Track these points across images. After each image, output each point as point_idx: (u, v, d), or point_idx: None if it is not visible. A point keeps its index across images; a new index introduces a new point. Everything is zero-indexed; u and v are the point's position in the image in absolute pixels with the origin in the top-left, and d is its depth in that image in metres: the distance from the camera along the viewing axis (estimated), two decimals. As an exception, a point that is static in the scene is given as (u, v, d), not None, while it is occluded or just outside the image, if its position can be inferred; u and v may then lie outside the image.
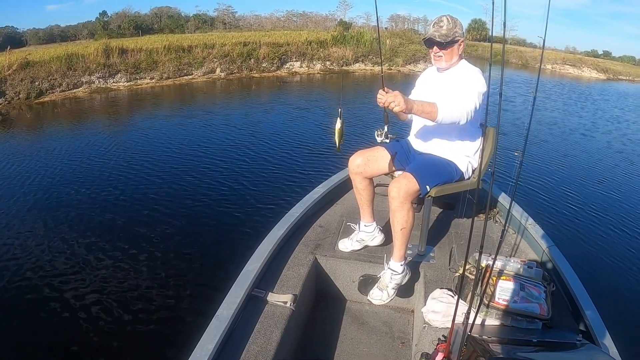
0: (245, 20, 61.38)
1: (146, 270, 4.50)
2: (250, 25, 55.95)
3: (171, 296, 4.09)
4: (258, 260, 2.58)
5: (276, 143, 9.05)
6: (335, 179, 3.74)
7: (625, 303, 4.34)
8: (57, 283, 4.25)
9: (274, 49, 21.59)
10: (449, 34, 2.56)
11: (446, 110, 2.38)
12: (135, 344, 3.54)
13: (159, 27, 48.75)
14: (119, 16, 50.13)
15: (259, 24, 57.26)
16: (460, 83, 2.57)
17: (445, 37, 2.56)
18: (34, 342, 3.53)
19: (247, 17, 63.04)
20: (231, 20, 58.83)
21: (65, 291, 4.13)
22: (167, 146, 8.72)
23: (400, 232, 2.51)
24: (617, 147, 11.37)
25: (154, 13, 54.64)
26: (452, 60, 2.66)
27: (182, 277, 4.40)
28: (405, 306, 2.94)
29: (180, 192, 6.39)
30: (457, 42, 2.61)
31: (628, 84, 36.60)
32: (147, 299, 4.04)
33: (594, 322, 2.25)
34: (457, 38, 2.59)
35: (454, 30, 2.56)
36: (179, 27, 47.71)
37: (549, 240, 2.97)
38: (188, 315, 3.79)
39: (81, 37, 43.83)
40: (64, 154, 8.25)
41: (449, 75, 2.71)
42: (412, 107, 2.31)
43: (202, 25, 50.60)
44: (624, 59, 76.51)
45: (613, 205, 6.90)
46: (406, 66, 24.51)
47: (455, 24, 2.58)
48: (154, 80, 17.22)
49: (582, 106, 18.36)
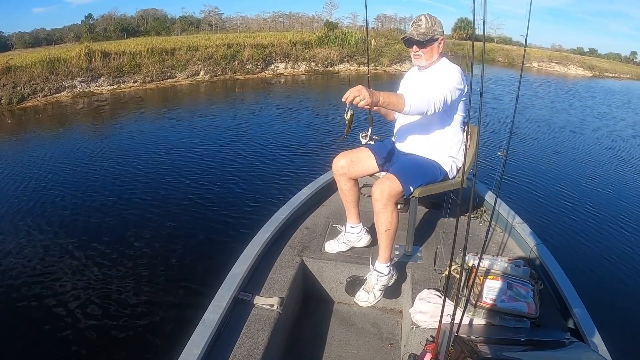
0: (232, 21, 61.05)
1: (131, 274, 4.46)
2: (236, 26, 55.72)
3: (157, 301, 4.06)
4: (244, 263, 2.57)
5: (261, 145, 9.03)
6: (321, 180, 3.74)
7: (614, 300, 4.38)
8: (39, 289, 4.20)
9: (258, 50, 21.54)
10: (428, 32, 2.58)
11: (412, 100, 2.37)
12: (121, 350, 3.50)
13: (145, 29, 48.35)
14: (104, 19, 49.78)
15: (246, 25, 57.01)
16: (438, 80, 2.59)
17: (424, 36, 2.58)
18: (13, 347, 3.50)
19: (233, 19, 62.72)
20: (217, 21, 58.59)
21: (47, 297, 4.08)
22: (151, 151, 8.65)
23: (385, 233, 2.51)
24: (604, 144, 11.52)
25: (140, 15, 54.16)
26: (432, 58, 2.68)
27: (168, 281, 4.36)
28: (393, 307, 2.94)
29: (166, 196, 6.35)
30: (437, 41, 2.63)
31: (614, 81, 37.12)
32: (132, 303, 4.01)
33: (582, 320, 2.27)
34: (436, 36, 2.61)
35: (433, 29, 2.59)
36: (165, 29, 47.44)
37: (536, 239, 2.99)
38: (174, 319, 3.76)
39: (67, 40, 43.42)
40: (47, 160, 8.14)
41: (429, 74, 2.73)
42: (378, 99, 2.28)
43: (188, 27, 50.31)
44: (610, 56, 77.65)
45: (601, 203, 6.97)
46: (392, 66, 24.63)
47: (434, 23, 2.60)
48: (137, 84, 17.10)
49: (570, 103, 18.59)
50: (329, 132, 10.29)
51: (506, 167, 2.16)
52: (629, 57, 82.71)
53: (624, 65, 59.37)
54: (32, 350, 3.51)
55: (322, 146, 8.91)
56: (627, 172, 9.10)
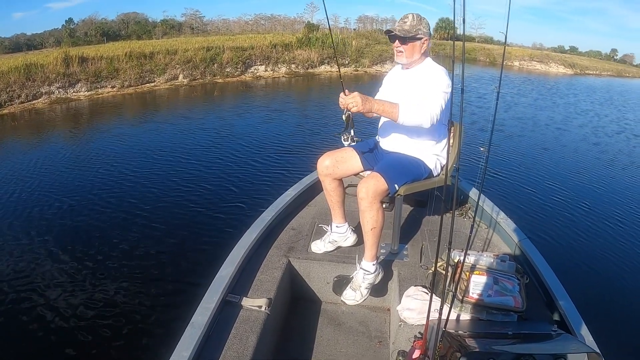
0: (213, 24, 61.04)
1: (117, 278, 4.44)
2: (218, 29, 55.74)
3: (144, 303, 4.05)
4: (231, 265, 2.58)
5: (244, 147, 9.03)
6: (306, 180, 3.77)
7: (599, 291, 4.49)
8: (24, 293, 4.18)
9: (237, 53, 21.48)
10: (411, 30, 2.60)
11: (408, 112, 2.45)
12: (109, 353, 3.49)
13: (126, 33, 48.06)
14: (85, 23, 49.41)
15: (227, 28, 57.07)
16: (424, 82, 2.62)
17: (407, 32, 2.61)
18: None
19: (215, 22, 62.74)
20: (199, 25, 58.51)
21: (33, 301, 4.06)
22: (133, 156, 8.58)
23: (371, 232, 2.54)
24: (586, 140, 11.79)
25: (120, 19, 53.81)
26: (412, 57, 2.70)
27: (155, 284, 4.36)
28: (381, 305, 2.97)
29: (150, 200, 6.32)
30: (420, 40, 2.65)
31: (595, 78, 37.84)
32: (120, 307, 3.99)
33: (568, 311, 2.32)
34: (420, 35, 2.63)
35: (418, 28, 2.61)
36: (146, 32, 47.21)
37: (520, 234, 3.05)
38: (162, 322, 3.76)
39: (48, 45, 42.78)
40: (27, 167, 8.02)
41: (414, 73, 2.76)
42: (373, 106, 2.40)
43: (169, 30, 50.20)
44: (591, 54, 79.07)
45: (583, 196, 7.12)
46: (373, 67, 24.78)
47: (420, 22, 2.62)
48: (115, 89, 16.93)
49: (553, 101, 19.00)
50: (312, 133, 10.34)
51: (491, 164, 2.22)
52: (609, 54, 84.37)
53: (605, 62, 60.55)
54: (18, 353, 3.49)
55: (305, 147, 8.95)
56: (609, 166, 9.35)
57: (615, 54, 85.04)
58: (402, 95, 2.70)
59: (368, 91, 2.62)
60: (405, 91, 2.71)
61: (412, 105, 2.47)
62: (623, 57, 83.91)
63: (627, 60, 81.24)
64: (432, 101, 2.50)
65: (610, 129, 13.74)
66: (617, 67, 55.47)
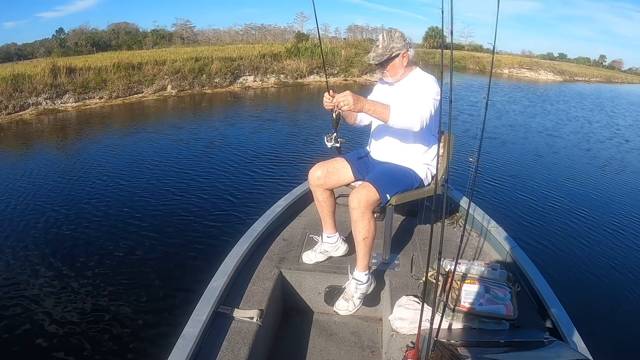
0: (204, 34, 61.29)
1: (107, 290, 4.41)
2: (208, 39, 55.95)
3: (134, 316, 4.02)
4: (223, 277, 2.58)
5: (234, 158, 9.01)
6: (297, 191, 3.79)
7: (591, 298, 4.53)
8: (10, 304, 4.16)
9: (226, 63, 21.47)
10: (385, 52, 2.64)
11: (399, 113, 2.47)
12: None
13: (116, 43, 48.12)
14: (75, 33, 49.49)
15: (218, 38, 57.33)
16: (414, 90, 2.65)
17: (381, 57, 2.65)
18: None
19: (205, 32, 63.04)
20: (189, 35, 58.69)
21: (18, 311, 4.04)
22: (121, 168, 8.53)
23: (363, 242, 2.56)
24: (577, 147, 11.90)
25: (111, 29, 53.92)
26: (397, 74, 2.74)
27: (145, 296, 4.33)
28: (373, 315, 2.99)
29: (141, 211, 6.29)
30: (398, 56, 2.68)
31: (584, 85, 38.29)
32: (109, 319, 3.96)
33: (560, 319, 2.34)
34: (396, 52, 2.65)
35: (391, 46, 2.63)
36: (136, 43, 47.37)
37: (512, 242, 3.08)
38: (153, 335, 3.74)
39: (38, 55, 42.71)
40: (13, 179, 7.97)
41: (403, 85, 2.79)
42: (364, 105, 2.41)
43: (160, 40, 50.34)
44: (580, 61, 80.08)
45: (574, 204, 7.18)
46: (362, 76, 24.88)
47: (391, 39, 2.64)
48: (103, 100, 16.85)
49: (543, 108, 19.21)
50: (302, 143, 10.37)
51: (483, 172, 2.25)
52: (598, 60, 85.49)
53: (594, 69, 61.34)
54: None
55: (296, 157, 8.97)
56: (600, 172, 9.46)
57: (603, 60, 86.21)
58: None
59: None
60: (396, 101, 2.74)
61: (402, 108, 2.49)
62: (612, 63, 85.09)
63: (616, 66, 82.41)
64: (422, 106, 2.53)
65: (601, 135, 13.92)
66: (606, 73, 56.20)
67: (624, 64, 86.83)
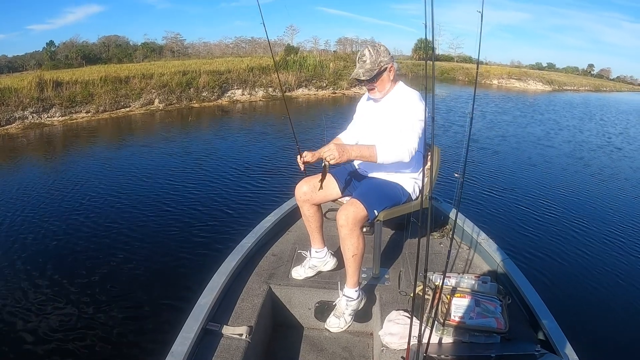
0: (194, 47, 61.73)
1: (93, 307, 4.37)
2: (199, 52, 56.39)
3: (121, 334, 3.98)
4: (211, 293, 2.58)
5: (222, 173, 9.00)
6: (286, 206, 3.80)
7: (582, 310, 4.54)
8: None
9: (214, 77, 21.49)
10: (374, 67, 2.65)
11: (385, 152, 2.54)
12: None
13: (107, 56, 48.28)
14: (66, 46, 49.73)
15: (208, 51, 57.82)
16: (398, 111, 2.67)
17: (371, 72, 2.66)
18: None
19: (195, 45, 63.48)
20: (180, 48, 59.05)
21: None
22: (107, 183, 8.46)
23: (352, 258, 2.56)
24: (567, 156, 12.01)
25: (102, 42, 54.17)
26: (385, 88, 2.76)
27: (132, 313, 4.30)
28: (364, 330, 2.99)
29: (128, 228, 6.24)
30: (386, 70, 2.70)
31: (573, 94, 38.78)
32: (96, 336, 3.92)
33: (552, 331, 2.34)
34: (384, 66, 2.68)
35: (379, 60, 2.65)
36: (127, 56, 47.55)
37: (502, 254, 3.09)
38: (141, 353, 3.70)
39: (29, 67, 42.78)
40: (4, 193, 7.94)
41: (386, 103, 2.81)
42: (351, 154, 2.50)
43: (150, 53, 50.59)
44: (568, 70, 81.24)
45: (565, 214, 7.21)
46: (351, 89, 25.03)
47: (378, 53, 2.66)
48: (89, 114, 16.76)
49: (533, 117, 19.47)
50: (292, 157, 10.35)
51: (472, 184, 2.27)
52: (586, 69, 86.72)
53: (582, 78, 62.23)
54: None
55: (284, 172, 8.97)
56: (591, 182, 9.52)
57: (592, 69, 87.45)
58: (377, 128, 2.77)
59: (345, 114, 2.67)
60: (380, 123, 2.77)
61: (388, 145, 2.54)
62: (600, 72, 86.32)
63: (604, 75, 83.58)
64: (409, 135, 2.56)
65: (592, 144, 14.07)
66: (594, 82, 56.99)
67: (612, 72, 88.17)
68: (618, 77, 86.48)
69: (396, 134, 2.60)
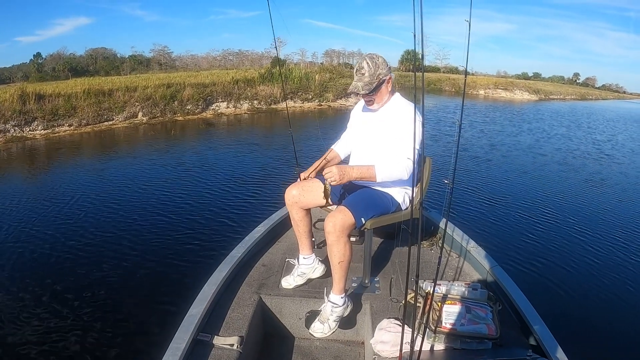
0: (182, 60, 62.21)
1: (82, 319, 4.33)
2: (186, 65, 56.65)
3: (111, 345, 3.95)
4: (202, 304, 2.59)
5: (211, 185, 8.98)
6: (276, 217, 3.83)
7: (572, 314, 4.59)
8: None
9: (198, 89, 21.43)
10: (372, 80, 2.67)
11: (385, 172, 2.62)
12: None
13: (94, 68, 48.45)
14: (53, 58, 50.28)
15: (195, 64, 58.17)
16: (395, 123, 2.70)
17: (370, 86, 2.68)
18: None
19: (183, 57, 64.10)
20: (167, 60, 59.32)
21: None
22: (91, 197, 8.35)
23: (339, 265, 2.59)
24: (555, 164, 12.18)
25: (89, 54, 54.62)
26: (382, 99, 2.80)
27: (122, 324, 4.26)
28: (355, 339, 3.00)
29: (116, 239, 6.21)
30: (384, 82, 2.73)
31: (560, 103, 39.37)
32: (85, 349, 3.89)
33: (543, 336, 2.37)
34: (383, 79, 2.71)
35: (377, 73, 2.68)
36: (114, 68, 47.69)
37: (492, 261, 3.13)
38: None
39: (16, 79, 42.76)
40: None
41: (383, 114, 2.84)
42: (351, 176, 2.61)
43: (138, 66, 50.73)
44: (554, 79, 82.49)
45: (553, 220, 7.30)
46: (337, 101, 25.05)
47: (377, 66, 2.68)
48: (72, 128, 16.59)
49: (520, 126, 19.74)
50: (280, 169, 10.39)
51: (461, 193, 2.30)
52: (572, 78, 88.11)
53: (568, 86, 63.23)
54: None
55: (274, 183, 8.98)
56: (578, 188, 9.67)
57: (577, 78, 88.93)
58: (373, 140, 2.82)
59: (332, 124, 2.71)
60: (376, 134, 2.80)
61: (387, 164, 2.62)
62: (585, 80, 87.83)
63: (590, 83, 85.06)
64: (406, 152, 2.61)
65: (580, 151, 14.32)
66: (580, 90, 57.97)
67: (597, 81, 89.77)
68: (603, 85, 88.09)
69: (393, 148, 2.65)
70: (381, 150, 2.73)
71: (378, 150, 2.75)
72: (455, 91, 42.92)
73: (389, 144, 2.69)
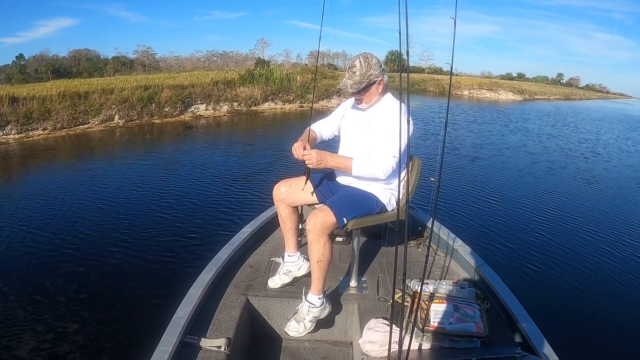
0: (166, 61, 61.90)
1: (66, 322, 4.31)
2: (170, 66, 56.46)
3: (98, 349, 3.94)
4: (188, 306, 2.59)
5: (193, 187, 8.95)
6: (262, 217, 3.85)
7: (561, 310, 4.68)
8: None
9: (176, 91, 21.19)
10: (363, 79, 2.67)
11: (361, 168, 2.66)
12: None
13: (77, 70, 47.93)
14: (36, 59, 49.77)
15: (179, 65, 58.04)
16: (382, 124, 2.70)
17: (359, 85, 2.68)
18: None
19: (167, 59, 63.81)
20: (151, 62, 58.97)
21: None
22: (69, 201, 8.25)
23: (318, 264, 2.61)
24: (541, 162, 12.38)
25: (72, 56, 54.19)
26: (372, 100, 2.79)
27: (107, 328, 4.24)
28: (343, 339, 3.02)
29: (102, 241, 6.21)
30: (375, 83, 2.73)
31: (544, 103, 39.92)
32: (70, 352, 3.88)
33: (531, 333, 2.42)
34: (373, 79, 2.70)
35: (368, 73, 2.67)
36: (97, 70, 47.32)
37: (479, 259, 3.17)
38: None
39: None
40: None
41: (371, 114, 2.83)
42: (328, 163, 2.64)
43: (121, 67, 50.36)
44: (538, 79, 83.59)
45: (540, 218, 7.43)
46: (319, 102, 24.94)
47: (369, 66, 2.67)
48: (46, 131, 16.34)
49: (506, 126, 20.01)
50: (262, 171, 10.39)
51: (448, 193, 2.33)
52: (555, 78, 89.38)
53: (552, 86, 64.16)
54: None
55: (259, 184, 9.00)
56: (564, 186, 9.87)
57: (561, 78, 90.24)
58: (359, 137, 2.83)
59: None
60: (362, 132, 2.81)
61: (365, 162, 2.64)
62: (569, 81, 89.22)
63: (573, 84, 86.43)
64: (386, 154, 2.62)
65: (566, 150, 14.66)
66: (564, 90, 58.88)
67: (581, 81, 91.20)
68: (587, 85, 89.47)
69: (376, 148, 2.67)
70: (365, 149, 2.74)
71: (362, 148, 2.76)
72: (439, 92, 43.23)
73: (374, 144, 2.70)
